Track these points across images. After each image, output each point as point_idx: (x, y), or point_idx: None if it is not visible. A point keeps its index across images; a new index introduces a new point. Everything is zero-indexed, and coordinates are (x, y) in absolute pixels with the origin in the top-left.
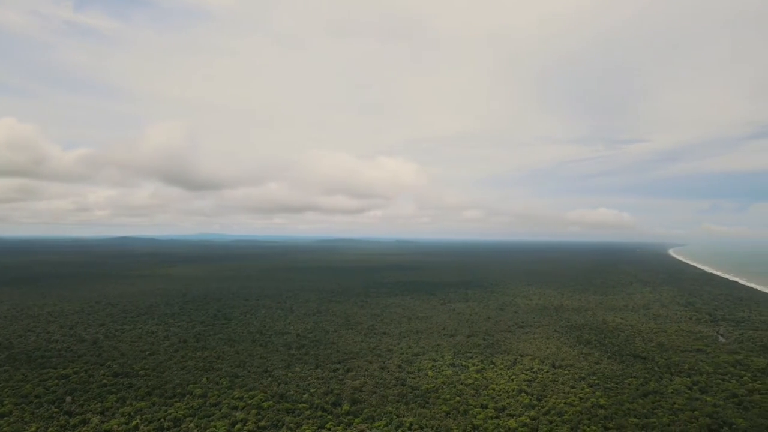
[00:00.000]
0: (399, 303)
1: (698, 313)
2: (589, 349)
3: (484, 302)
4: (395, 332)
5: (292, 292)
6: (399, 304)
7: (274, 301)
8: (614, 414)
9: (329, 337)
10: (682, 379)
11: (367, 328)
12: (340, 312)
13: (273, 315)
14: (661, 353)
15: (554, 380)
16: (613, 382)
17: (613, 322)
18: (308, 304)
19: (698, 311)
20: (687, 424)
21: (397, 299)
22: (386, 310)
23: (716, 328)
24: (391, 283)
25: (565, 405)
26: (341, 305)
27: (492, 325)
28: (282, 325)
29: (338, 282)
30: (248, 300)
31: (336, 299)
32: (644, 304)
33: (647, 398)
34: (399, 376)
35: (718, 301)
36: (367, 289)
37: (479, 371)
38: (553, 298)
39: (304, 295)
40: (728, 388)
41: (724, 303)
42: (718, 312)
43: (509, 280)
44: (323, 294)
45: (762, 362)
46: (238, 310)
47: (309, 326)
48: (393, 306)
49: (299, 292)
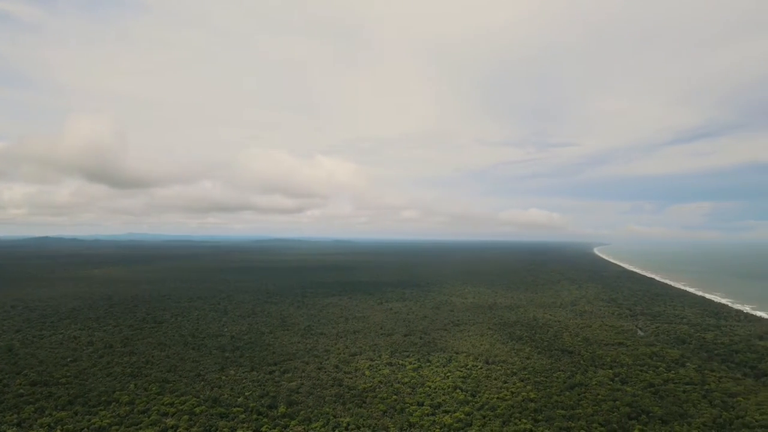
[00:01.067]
0: (336, 303)
1: (620, 308)
2: (520, 345)
3: (421, 301)
4: (332, 332)
5: (227, 294)
6: (336, 305)
7: (207, 303)
8: (543, 407)
9: (265, 338)
10: (605, 371)
11: (304, 328)
12: (277, 313)
13: (206, 317)
14: (586, 347)
15: (488, 376)
16: (542, 376)
17: (543, 318)
18: (243, 306)
19: (620, 307)
20: (609, 414)
21: (334, 299)
22: (323, 310)
23: (635, 323)
24: (328, 283)
25: (498, 400)
26: (277, 306)
27: (428, 324)
28: (216, 328)
29: (274, 283)
30: (180, 302)
31: (272, 300)
32: (571, 301)
33: (574, 390)
34: (336, 376)
35: (637, 297)
36: (304, 290)
37: (416, 369)
38: (487, 297)
39: (239, 296)
40: (646, 379)
41: (642, 299)
42: (637, 307)
43: (445, 279)
44: (259, 295)
45: (676, 353)
46: (169, 313)
47: (244, 328)
48: (330, 306)
49: (234, 293)
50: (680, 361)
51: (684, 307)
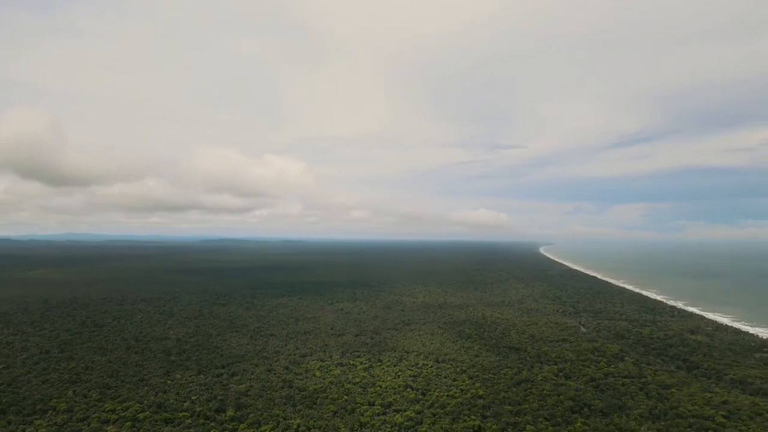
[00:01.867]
0: (286, 304)
1: (564, 306)
2: (469, 343)
3: (372, 301)
4: (282, 334)
5: (173, 295)
6: (286, 305)
7: (152, 305)
8: (491, 403)
9: (213, 340)
10: (550, 367)
11: (254, 330)
12: (225, 314)
13: (151, 320)
14: (532, 344)
15: (438, 374)
16: (490, 373)
17: (491, 316)
18: (190, 307)
19: (564, 304)
20: (554, 408)
21: (284, 300)
22: (273, 311)
23: (578, 319)
24: (277, 283)
25: (448, 397)
26: (226, 307)
27: (379, 324)
28: (161, 330)
29: (223, 283)
30: (122, 305)
31: (220, 301)
32: (519, 299)
33: (520, 386)
34: (286, 378)
35: (581, 295)
36: (254, 291)
37: (367, 369)
38: (438, 296)
39: (185, 297)
40: (588, 373)
41: (585, 296)
42: (580, 304)
43: (396, 279)
44: (207, 296)
45: (615, 348)
46: (111, 316)
47: (191, 330)
48: (280, 307)
49: (180, 294)
50: (619, 355)
51: (623, 303)
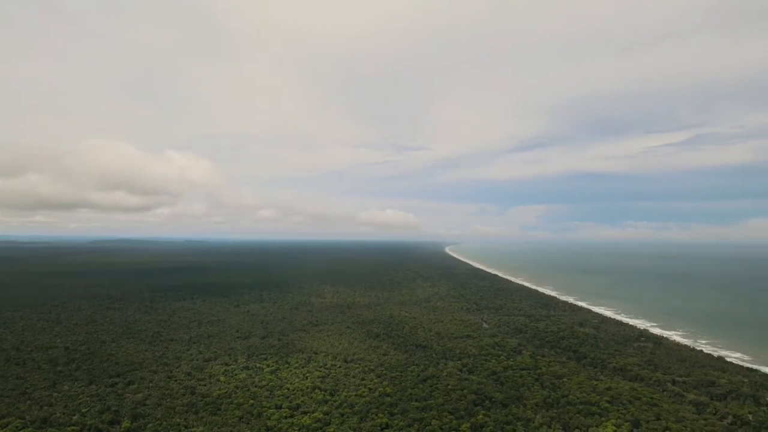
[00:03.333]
0: (189, 307)
1: (468, 303)
2: (378, 342)
3: (279, 302)
4: (184, 338)
5: (60, 300)
6: (189, 308)
7: (35, 312)
8: (399, 400)
9: (106, 348)
10: (455, 363)
11: (152, 335)
12: (120, 319)
13: (34, 327)
14: (438, 341)
15: (346, 374)
16: (398, 371)
17: (399, 315)
18: (80, 313)
19: (468, 302)
20: (457, 402)
21: (186, 303)
22: (174, 314)
23: (481, 316)
24: (180, 286)
25: (356, 397)
26: (121, 312)
27: (287, 325)
28: (46, 339)
29: (118, 287)
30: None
31: (115, 306)
32: (425, 298)
33: (426, 382)
34: (188, 384)
35: (483, 292)
36: (153, 294)
37: (274, 372)
38: (346, 296)
39: (75, 302)
40: (489, 367)
41: (487, 294)
42: (483, 302)
43: (304, 279)
44: (99, 300)
45: (514, 342)
46: None
47: (81, 338)
48: (182, 310)
49: (69, 299)
50: (518, 349)
51: (521, 300)
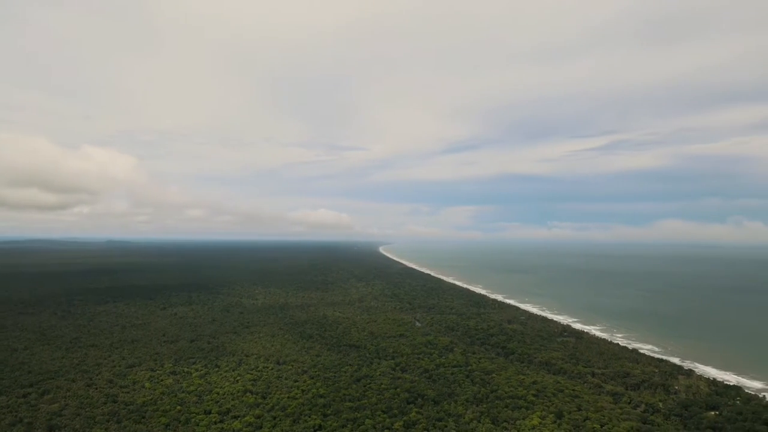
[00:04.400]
0: (111, 310)
1: (401, 303)
2: (311, 343)
3: (209, 304)
4: (106, 344)
5: None
6: (111, 312)
7: None
8: (332, 401)
9: (18, 355)
10: (388, 362)
11: (70, 341)
12: (34, 325)
13: None
14: (372, 341)
15: (279, 376)
16: (331, 371)
17: (332, 316)
18: None
19: (401, 301)
20: (391, 401)
21: (108, 306)
22: (95, 319)
23: (414, 315)
24: (101, 289)
25: (289, 399)
26: (35, 317)
27: (217, 328)
28: None
29: (31, 290)
30: None
31: (28, 311)
32: (359, 298)
33: (360, 382)
34: (110, 392)
35: (416, 292)
36: (71, 297)
37: (203, 376)
38: (279, 297)
39: None
40: (422, 365)
41: (420, 293)
42: (416, 301)
43: (235, 280)
44: (9, 305)
45: (446, 340)
46: None
47: None
48: (103, 314)
49: None
50: (449, 347)
51: (453, 298)
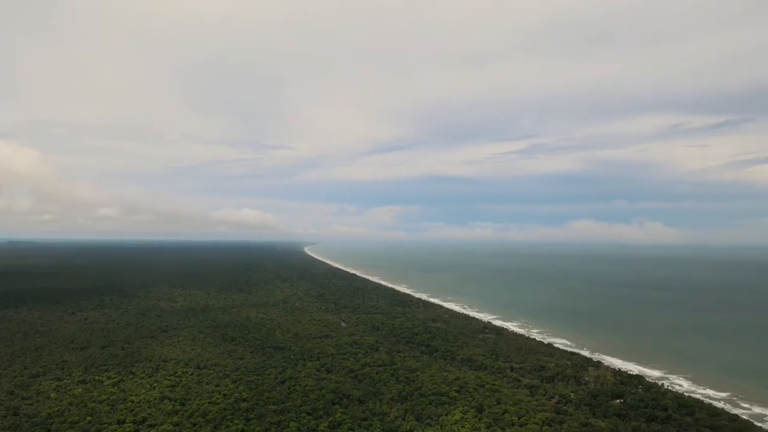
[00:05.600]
0: (12, 316)
1: (326, 303)
2: (233, 346)
3: (124, 308)
4: (5, 352)
5: None
6: (12, 318)
7: None
8: (256, 405)
9: None
10: (313, 363)
11: None
12: None
13: None
14: (296, 342)
15: (199, 381)
16: (255, 374)
17: (256, 317)
18: None
19: (326, 302)
20: (316, 402)
21: (8, 312)
22: None
23: (340, 315)
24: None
25: (210, 404)
26: None
27: (132, 333)
28: None
29: None
30: None
31: None
32: (284, 299)
33: (284, 384)
34: (10, 404)
35: (342, 292)
36: None
37: (116, 384)
38: (199, 299)
39: None
40: (347, 366)
41: (346, 293)
42: (342, 301)
43: (152, 282)
44: None
45: (372, 340)
46: None
47: None
48: (3, 321)
49: None
50: (375, 346)
51: (379, 298)
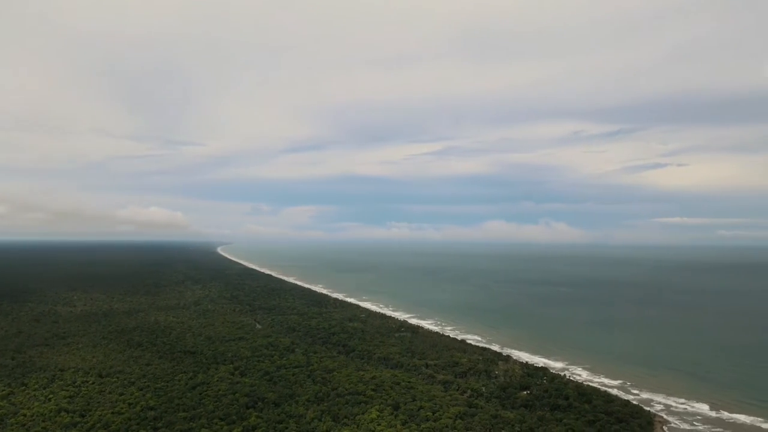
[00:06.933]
0: None
1: (241, 305)
2: (140, 352)
3: (14, 314)
4: None
5: None
6: None
7: None
8: (164, 413)
9: None
10: (227, 366)
11: None
12: None
13: None
14: (209, 345)
15: (101, 391)
16: (163, 381)
17: (165, 321)
18: None
19: (241, 303)
20: (229, 407)
21: None
22: None
23: (254, 317)
24: None
25: (113, 414)
26: None
27: (24, 341)
28: None
29: None
30: None
31: None
32: (195, 301)
33: (196, 390)
34: None
35: (257, 293)
36: None
37: (5, 397)
38: (102, 303)
39: None
40: (262, 368)
41: (261, 294)
42: (257, 302)
43: (48, 286)
44: None
45: (287, 341)
46: None
47: None
48: None
49: None
50: (291, 347)
51: (295, 299)
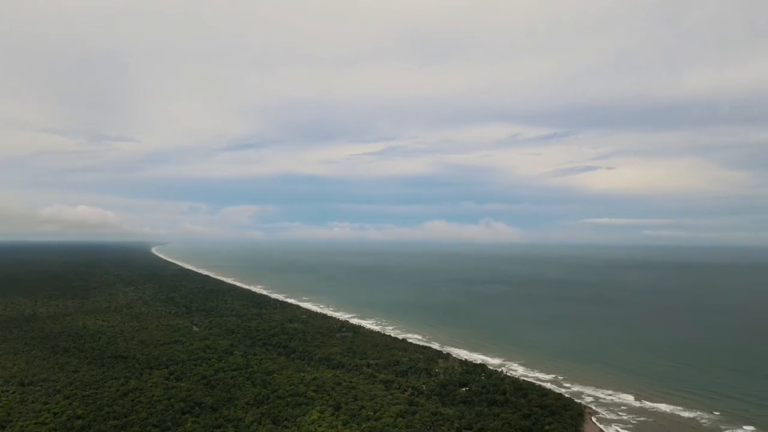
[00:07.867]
0: None
1: (177, 306)
2: (66, 358)
3: None
4: None
5: None
6: None
7: None
8: (93, 422)
9: None
10: (161, 371)
11: None
12: None
13: None
14: (142, 350)
15: (22, 400)
16: (92, 388)
17: (94, 325)
18: None
19: (177, 305)
20: (164, 413)
21: None
22: None
23: (191, 319)
24: None
25: (36, 425)
26: None
27: None
28: None
29: None
30: None
31: None
32: (127, 304)
33: (127, 397)
34: None
35: (194, 295)
36: None
37: None
38: (24, 307)
39: None
40: (200, 372)
41: (198, 295)
42: (194, 304)
43: None
44: None
45: (226, 343)
46: None
47: None
48: None
49: None
50: (229, 350)
51: (234, 300)
